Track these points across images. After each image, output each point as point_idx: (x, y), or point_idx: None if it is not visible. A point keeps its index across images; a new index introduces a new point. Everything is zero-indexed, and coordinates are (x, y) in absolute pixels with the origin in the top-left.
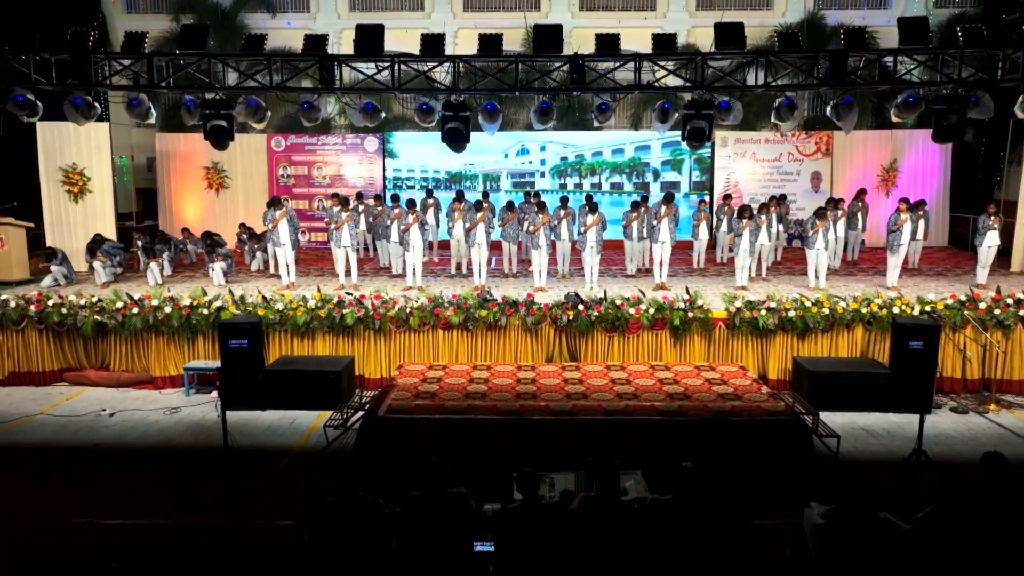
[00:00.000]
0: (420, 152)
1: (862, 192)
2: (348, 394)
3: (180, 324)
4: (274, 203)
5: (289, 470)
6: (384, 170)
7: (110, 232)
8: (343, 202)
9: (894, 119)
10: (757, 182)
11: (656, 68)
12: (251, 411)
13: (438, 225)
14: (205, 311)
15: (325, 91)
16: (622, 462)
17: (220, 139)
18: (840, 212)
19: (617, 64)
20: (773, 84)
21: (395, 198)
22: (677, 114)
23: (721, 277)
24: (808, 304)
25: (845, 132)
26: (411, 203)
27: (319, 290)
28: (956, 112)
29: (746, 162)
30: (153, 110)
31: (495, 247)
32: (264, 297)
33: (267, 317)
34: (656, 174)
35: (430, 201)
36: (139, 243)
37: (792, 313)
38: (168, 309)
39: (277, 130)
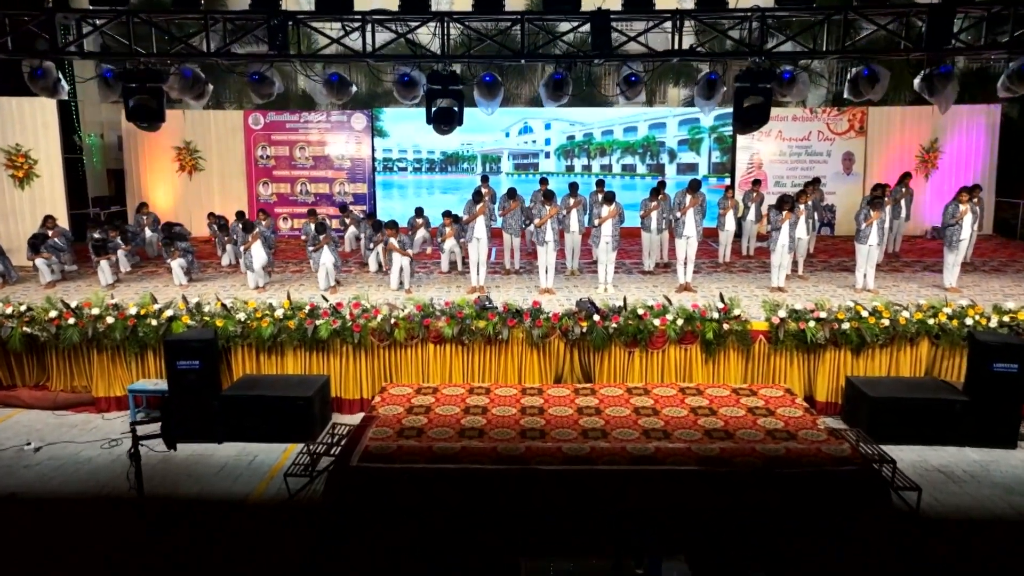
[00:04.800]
0: (412, 130)
1: (906, 176)
2: (321, 422)
3: (125, 337)
4: (248, 227)
5: (239, 535)
6: (373, 150)
7: (62, 222)
8: (320, 227)
9: (1002, 95)
10: (783, 163)
11: (699, 29)
12: (205, 444)
13: (433, 244)
14: (154, 321)
15: (278, 59)
16: (655, 536)
17: (147, 119)
18: (886, 200)
19: (650, 24)
20: (851, 49)
21: (376, 226)
22: (725, 88)
23: (751, 274)
24: (864, 314)
25: (942, 111)
26: (392, 225)
27: (289, 297)
28: None
29: (771, 141)
30: (64, 83)
31: (495, 235)
32: (224, 305)
33: (226, 329)
34: (672, 154)
35: (419, 221)
36: (94, 236)
37: (846, 325)
38: (111, 319)
39: (256, 106)
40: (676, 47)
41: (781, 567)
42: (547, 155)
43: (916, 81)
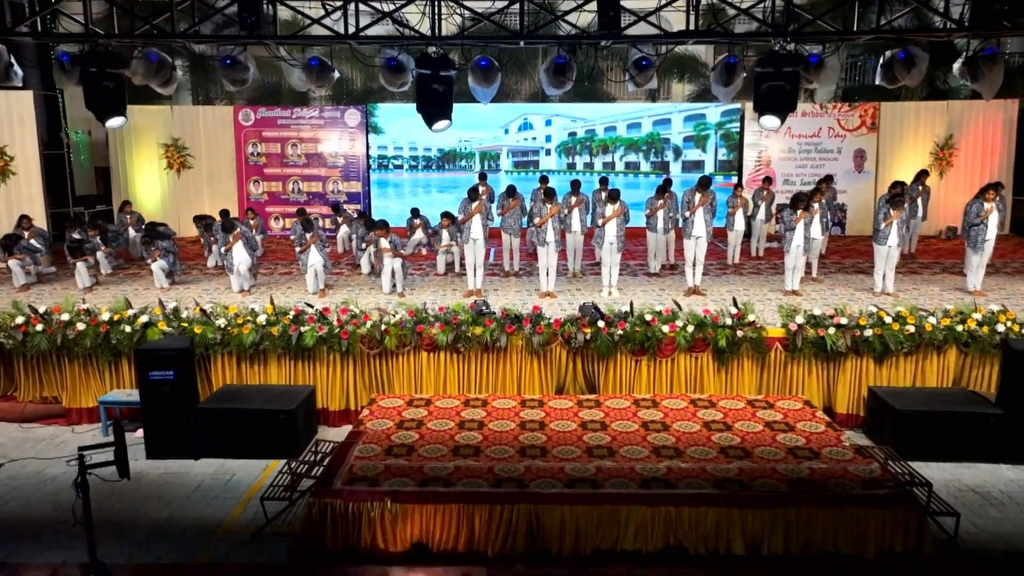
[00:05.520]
0: (408, 126)
1: (923, 174)
2: (306, 436)
3: (96, 344)
4: (228, 227)
5: (207, 566)
6: (368, 147)
7: (40, 221)
8: (306, 224)
9: None
10: (792, 161)
11: (717, 7)
12: (180, 460)
13: (428, 245)
14: (128, 328)
15: (250, 41)
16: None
17: (107, 108)
18: (903, 198)
19: (664, 2)
20: (885, 30)
21: (369, 224)
22: (745, 74)
23: (762, 276)
24: (888, 320)
25: (986, 97)
26: (383, 224)
27: (272, 301)
28: None
29: (780, 138)
30: (17, 68)
31: (493, 235)
32: (203, 310)
33: (205, 336)
34: (677, 152)
35: (416, 222)
36: (73, 236)
37: (869, 332)
38: (81, 326)
39: (248, 102)
40: (693, 27)
41: None
42: (548, 152)
43: (956, 65)
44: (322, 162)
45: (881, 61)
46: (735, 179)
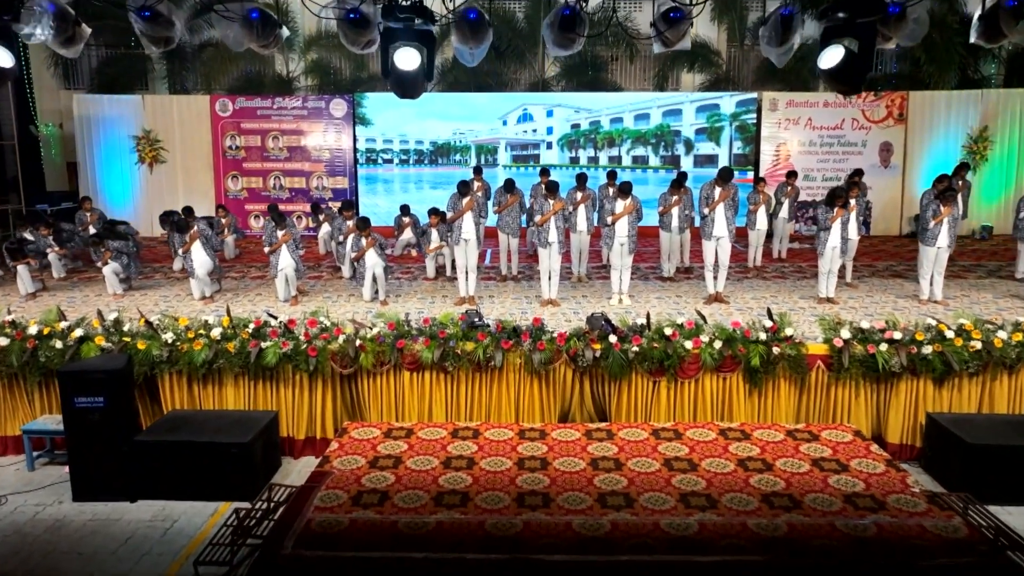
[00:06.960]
0: (399, 118)
1: (963, 167)
2: (265, 472)
3: (23, 363)
4: (181, 227)
5: None
6: (355, 140)
7: None
8: (277, 219)
9: None
10: (813, 155)
11: None
12: (113, 503)
13: (417, 246)
14: (59, 343)
15: None
16: None
17: None
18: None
19: None
20: None
21: (364, 222)
22: (802, 30)
23: (788, 281)
24: (949, 334)
25: None
26: (364, 222)
27: (228, 312)
28: None
29: (800, 130)
30: None
31: (490, 235)
32: (148, 322)
33: (150, 353)
34: (689, 145)
35: (406, 220)
36: (24, 236)
37: (927, 348)
38: (4, 340)
39: (226, 91)
40: None
41: None
42: (549, 145)
43: None
44: (306, 156)
45: (979, 12)
46: (751, 174)
